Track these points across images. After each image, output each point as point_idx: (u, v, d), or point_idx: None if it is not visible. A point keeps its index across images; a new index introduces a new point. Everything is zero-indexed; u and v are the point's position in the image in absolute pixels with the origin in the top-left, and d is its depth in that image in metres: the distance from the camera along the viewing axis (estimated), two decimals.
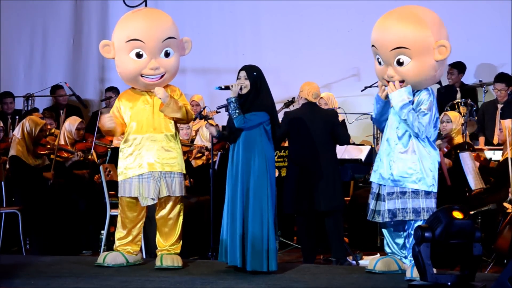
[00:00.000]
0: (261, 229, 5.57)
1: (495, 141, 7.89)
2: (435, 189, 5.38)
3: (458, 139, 7.22)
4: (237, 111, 5.61)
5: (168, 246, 5.86)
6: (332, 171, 6.60)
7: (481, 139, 8.37)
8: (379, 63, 5.42)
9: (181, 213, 5.88)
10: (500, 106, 8.28)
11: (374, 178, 5.53)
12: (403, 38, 5.24)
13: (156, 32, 5.73)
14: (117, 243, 5.91)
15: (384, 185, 5.44)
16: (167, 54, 5.78)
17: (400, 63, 5.29)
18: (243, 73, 5.72)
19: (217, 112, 8.45)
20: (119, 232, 5.91)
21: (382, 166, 5.46)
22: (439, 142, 7.16)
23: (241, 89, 5.67)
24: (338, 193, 6.62)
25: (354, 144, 8.01)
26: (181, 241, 5.91)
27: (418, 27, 5.26)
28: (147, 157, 5.74)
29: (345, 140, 6.86)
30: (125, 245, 5.90)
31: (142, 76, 5.76)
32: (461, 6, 9.47)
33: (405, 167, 5.36)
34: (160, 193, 5.75)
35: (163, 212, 5.84)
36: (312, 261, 6.62)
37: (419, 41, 5.24)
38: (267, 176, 5.63)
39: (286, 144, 8.10)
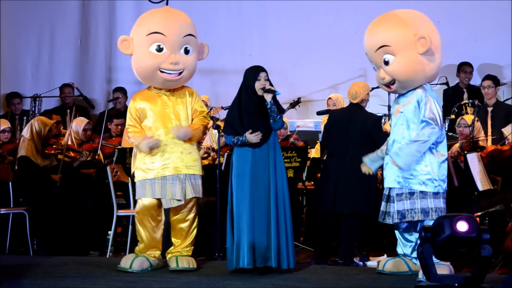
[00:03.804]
0: (290, 229, 5.68)
1: (489, 143, 7.87)
2: (441, 189, 5.39)
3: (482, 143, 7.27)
4: (279, 115, 5.65)
5: (181, 248, 5.83)
6: (358, 175, 6.53)
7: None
8: (374, 68, 5.55)
9: (197, 215, 5.86)
10: (490, 109, 8.25)
11: (385, 180, 5.54)
12: (383, 37, 5.40)
13: (177, 27, 5.72)
14: (140, 246, 5.82)
15: (393, 188, 5.44)
16: (186, 51, 5.75)
17: (386, 63, 5.39)
18: (263, 74, 5.70)
19: (222, 108, 8.48)
20: (145, 239, 5.78)
21: (389, 168, 5.47)
22: (462, 142, 7.16)
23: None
24: (360, 198, 6.50)
25: None
26: (193, 245, 5.89)
27: (396, 23, 5.41)
28: (171, 160, 5.69)
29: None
30: (149, 250, 5.81)
31: (161, 72, 5.69)
32: (468, 7, 9.46)
33: (411, 168, 5.36)
34: (186, 194, 5.71)
35: (182, 213, 5.80)
36: (325, 262, 6.60)
37: (398, 36, 5.36)
38: (287, 176, 5.79)
39: (301, 144, 8.14)
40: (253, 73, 5.70)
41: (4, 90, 10.11)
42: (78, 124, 7.97)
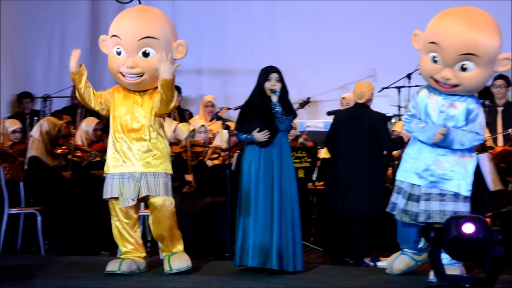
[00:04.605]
0: (298, 230, 5.67)
1: (499, 143, 7.85)
2: (470, 194, 5.35)
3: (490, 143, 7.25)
4: (284, 115, 5.64)
5: (168, 248, 5.66)
6: (367, 175, 6.51)
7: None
8: (435, 61, 5.24)
9: (174, 214, 5.65)
10: (500, 109, 8.23)
11: (406, 177, 5.42)
12: (477, 45, 5.08)
13: (133, 30, 5.54)
14: (122, 251, 5.73)
15: (419, 185, 5.36)
16: (146, 54, 5.54)
17: (463, 69, 5.16)
18: (275, 75, 5.70)
19: (229, 109, 8.48)
20: (123, 246, 5.68)
21: (420, 166, 5.37)
22: None
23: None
24: (369, 198, 6.50)
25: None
26: (182, 240, 5.72)
27: (493, 36, 5.14)
28: (129, 157, 5.56)
29: (387, 146, 6.63)
30: (133, 252, 5.71)
31: (122, 75, 5.60)
32: (476, 5, 9.43)
33: (447, 169, 5.30)
34: (139, 193, 5.54)
35: (155, 216, 5.60)
36: (340, 263, 6.59)
37: (491, 51, 5.12)
38: (296, 178, 5.76)
39: (310, 144, 8.14)
40: (264, 73, 5.73)
41: (15, 90, 10.15)
42: (88, 124, 7.98)
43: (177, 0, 10.41)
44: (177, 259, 5.63)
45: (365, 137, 6.54)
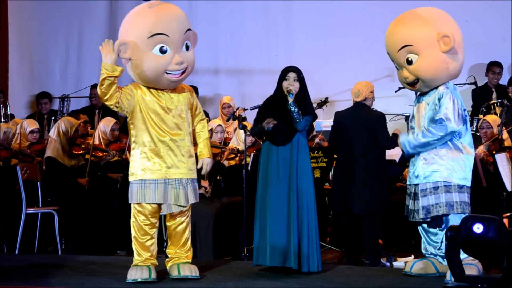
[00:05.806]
0: (314, 231, 5.66)
1: None
2: (468, 183, 5.36)
3: (508, 142, 7.21)
4: (300, 116, 5.64)
5: (180, 255, 5.50)
6: (369, 173, 6.51)
7: None
8: (397, 68, 5.58)
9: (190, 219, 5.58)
10: None
11: (409, 180, 5.55)
12: (405, 36, 5.42)
13: (178, 24, 5.38)
14: (143, 257, 5.46)
15: (417, 184, 5.43)
16: (187, 47, 5.44)
17: (409, 62, 5.41)
18: (293, 74, 5.72)
19: (245, 110, 8.47)
20: (148, 247, 5.44)
21: (414, 165, 5.48)
22: (488, 143, 7.11)
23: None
24: (375, 196, 6.50)
25: None
26: (192, 253, 5.57)
27: (418, 22, 5.41)
28: (174, 163, 5.39)
29: (385, 144, 6.62)
30: (152, 258, 5.51)
31: (167, 73, 5.35)
32: (496, 6, 9.39)
33: (436, 162, 5.36)
34: (188, 199, 5.41)
35: (179, 217, 5.48)
36: (356, 263, 6.58)
37: (421, 36, 5.37)
38: (313, 178, 5.76)
39: (326, 144, 8.12)
40: (283, 72, 5.75)
41: (33, 91, 10.22)
42: (105, 124, 8.01)
43: (194, 0, 10.42)
44: (187, 267, 5.48)
45: (364, 136, 6.56)
